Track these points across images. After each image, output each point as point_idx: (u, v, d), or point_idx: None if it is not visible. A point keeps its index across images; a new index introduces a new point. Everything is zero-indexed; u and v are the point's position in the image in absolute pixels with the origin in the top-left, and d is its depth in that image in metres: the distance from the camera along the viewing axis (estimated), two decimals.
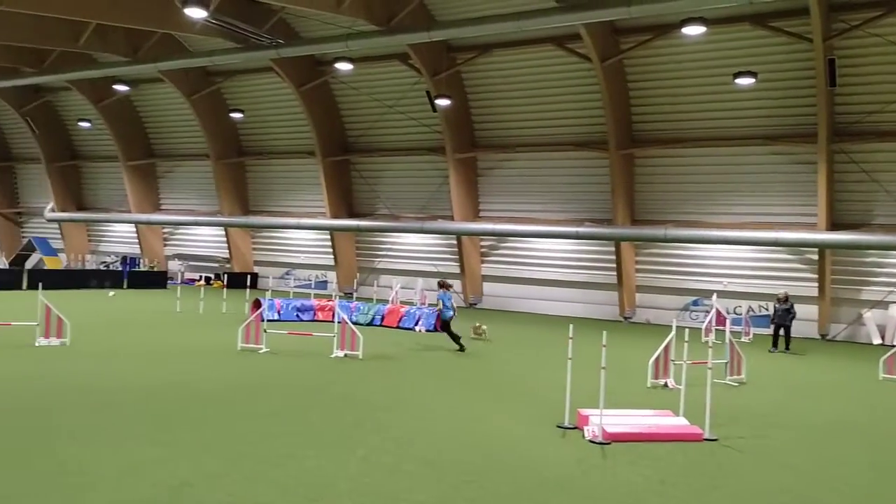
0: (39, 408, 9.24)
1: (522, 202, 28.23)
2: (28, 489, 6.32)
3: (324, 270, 33.25)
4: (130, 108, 36.12)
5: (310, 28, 26.85)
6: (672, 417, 10.06)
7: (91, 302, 24.34)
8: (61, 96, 37.42)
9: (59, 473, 6.75)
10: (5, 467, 6.85)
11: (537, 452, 8.34)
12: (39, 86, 36.19)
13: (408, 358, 15.14)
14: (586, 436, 9.05)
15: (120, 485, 6.54)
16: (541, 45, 25.02)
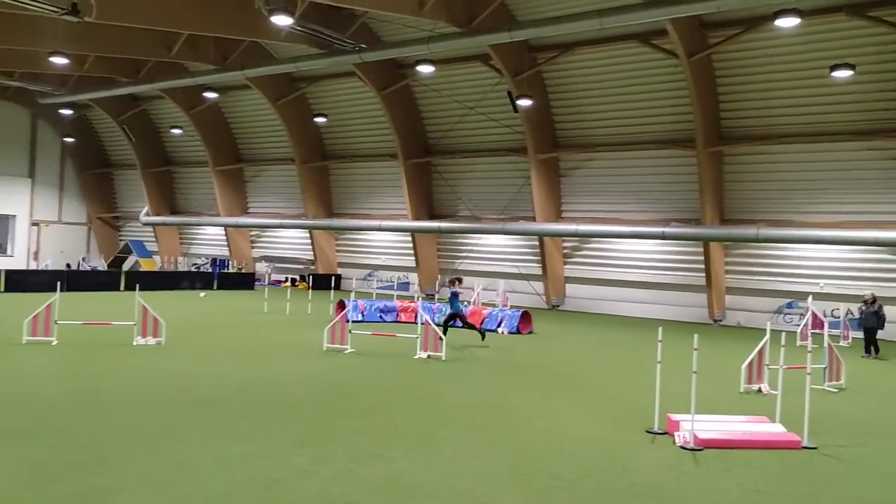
0: (139, 405, 9.61)
1: (606, 202, 27.75)
2: (130, 482, 6.56)
3: (405, 272, 33.54)
4: (219, 114, 37.36)
5: (391, 32, 27.13)
6: (768, 424, 9.64)
7: (183, 302, 25.23)
8: (155, 105, 39.03)
9: (158, 467, 6.98)
10: (109, 461, 7.13)
11: (627, 457, 8.13)
12: (135, 95, 37.82)
13: (491, 359, 15.06)
14: (677, 441, 8.77)
15: (215, 478, 6.71)
16: (624, 42, 24.53)
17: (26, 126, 42.21)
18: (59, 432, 8.02)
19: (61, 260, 40.17)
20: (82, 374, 11.48)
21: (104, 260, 42.96)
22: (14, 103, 40.54)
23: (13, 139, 41.52)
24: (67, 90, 35.47)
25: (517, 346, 17.44)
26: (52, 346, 13.95)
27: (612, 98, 26.33)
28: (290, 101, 33.14)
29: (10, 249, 41.63)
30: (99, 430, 8.20)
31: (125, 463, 7.05)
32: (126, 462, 7.07)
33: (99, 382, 10.86)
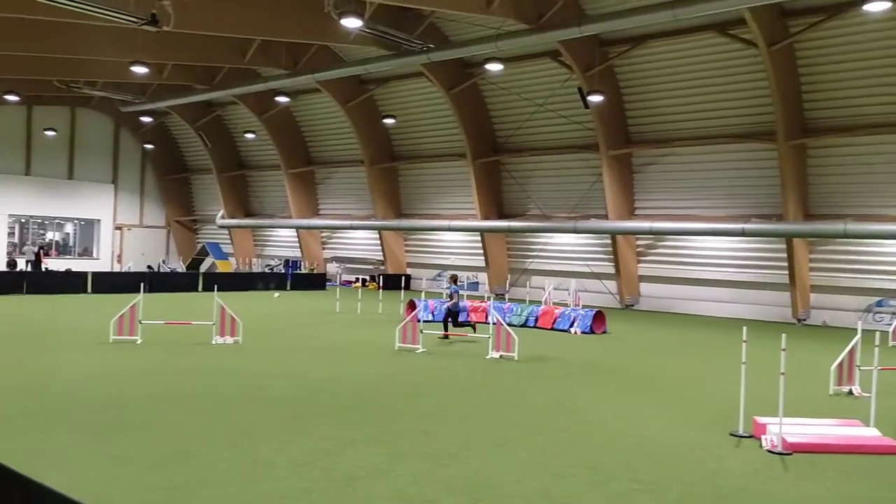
0: (219, 402, 9.80)
1: (681, 199, 27.06)
2: (214, 477, 6.67)
3: (475, 272, 33.47)
4: (291, 118, 38.07)
5: (459, 31, 27.11)
6: (861, 428, 9.18)
7: (258, 303, 25.77)
8: (229, 110, 40.06)
9: (239, 463, 7.08)
10: (194, 456, 7.28)
11: (710, 460, 7.85)
12: (210, 101, 38.89)
13: (565, 359, 14.83)
14: (764, 445, 8.42)
15: (294, 475, 6.76)
16: (700, 33, 23.85)
17: (109, 134, 43.97)
18: (145, 428, 8.24)
19: (142, 262, 41.65)
20: (165, 371, 11.81)
21: (182, 262, 44.35)
22: (98, 112, 42.33)
23: (98, 147, 43.34)
24: (147, 98, 36.77)
25: (591, 346, 17.16)
26: (137, 344, 14.41)
27: (688, 91, 25.65)
28: (359, 103, 33.50)
29: (95, 252, 43.41)
30: (183, 425, 8.39)
31: (208, 458, 7.18)
32: (209, 457, 7.20)
33: (181, 380, 11.14)
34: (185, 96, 34.90)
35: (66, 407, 9.12)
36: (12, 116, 39.39)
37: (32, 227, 41.74)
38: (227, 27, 24.09)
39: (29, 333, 15.85)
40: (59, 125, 40.90)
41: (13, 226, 40.55)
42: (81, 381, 10.76)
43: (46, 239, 41.94)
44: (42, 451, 7.25)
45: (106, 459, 7.04)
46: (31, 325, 17.45)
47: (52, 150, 41.16)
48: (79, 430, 8.03)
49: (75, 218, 42.94)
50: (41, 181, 40.77)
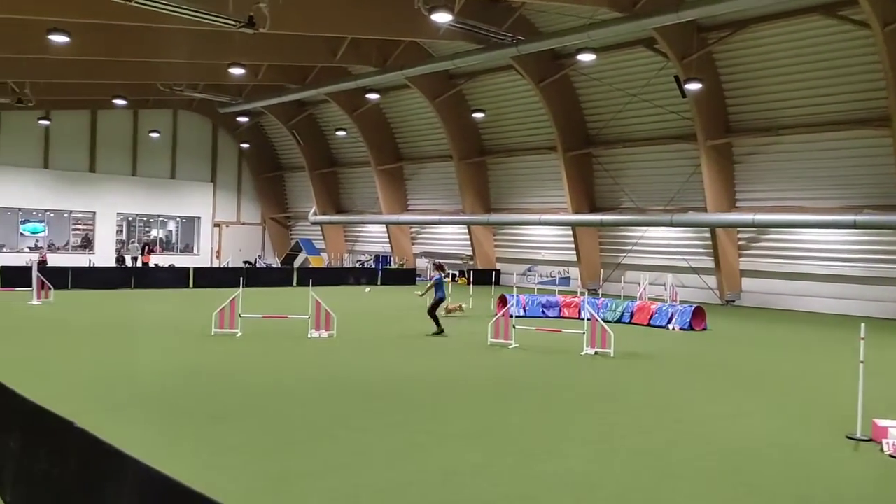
0: (317, 394, 9.94)
1: (786, 189, 25.79)
2: (316, 467, 6.74)
3: (566, 266, 32.98)
4: (380, 115, 38.49)
5: (550, 22, 26.67)
6: None
7: (350, 297, 26.14)
8: (321, 108, 40.84)
9: (339, 454, 7.12)
10: (296, 447, 7.37)
11: (826, 465, 7.39)
12: (303, 100, 39.75)
13: (663, 356, 14.36)
14: (885, 450, 7.86)
15: (392, 468, 6.74)
16: (806, 15, 22.60)
17: (208, 135, 45.67)
18: (249, 418, 8.43)
19: (239, 258, 43.07)
20: (265, 364, 12.08)
21: (277, 257, 45.59)
22: (198, 114, 44.02)
23: (198, 147, 45.10)
24: (244, 99, 37.90)
25: (691, 343, 16.56)
26: (237, 337, 14.80)
27: (794, 77, 24.40)
28: (448, 98, 33.51)
29: (195, 249, 45.19)
30: (284, 416, 8.54)
31: (309, 449, 7.26)
32: (310, 448, 7.29)
33: (280, 373, 11.36)
34: (279, 96, 35.78)
35: (175, 396, 9.42)
36: (120, 120, 41.44)
37: (138, 224, 43.79)
38: (320, 27, 24.52)
39: (138, 326, 16.57)
40: (162, 127, 42.76)
41: (121, 224, 42.64)
42: (188, 372, 11.12)
43: (151, 236, 43.90)
44: (154, 439, 7.49)
45: (213, 448, 7.24)
46: (140, 318, 18.24)
47: (156, 152, 43.08)
48: (188, 419, 8.29)
49: (177, 216, 44.80)
50: (146, 181, 42.74)
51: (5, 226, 38.94)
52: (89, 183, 40.59)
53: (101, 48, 25.80)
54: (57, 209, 40.09)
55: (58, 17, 20.75)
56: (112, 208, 41.47)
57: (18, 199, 38.54)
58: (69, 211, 40.50)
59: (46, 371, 10.89)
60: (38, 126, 38.22)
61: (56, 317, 17.65)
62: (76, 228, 41.27)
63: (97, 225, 41.16)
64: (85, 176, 40.50)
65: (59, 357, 12.12)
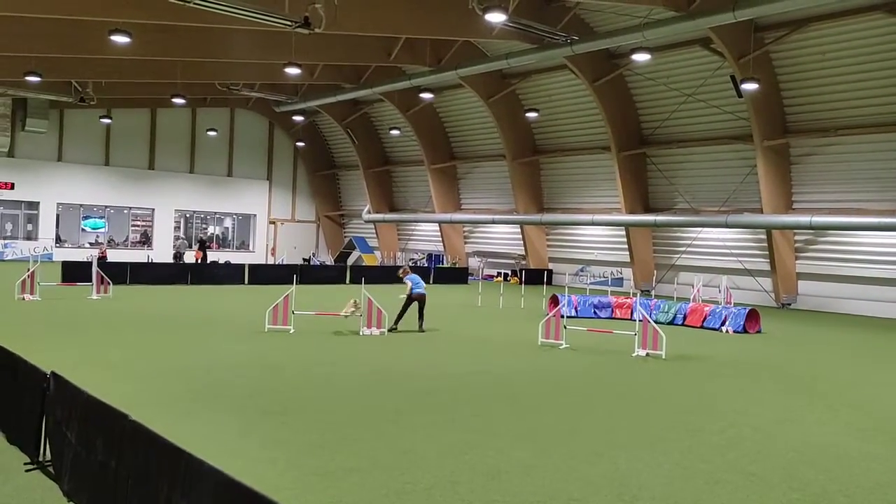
0: (367, 391, 10.14)
1: (845, 191, 25.16)
2: (363, 464, 6.90)
3: (619, 267, 32.70)
4: (434, 114, 38.70)
5: (604, 21, 26.49)
6: None
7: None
8: (375, 107, 41.28)
9: (387, 451, 7.28)
10: (344, 443, 7.56)
11: (881, 473, 7.26)
12: (357, 100, 40.23)
13: (716, 359, 14.19)
14: None
15: (440, 466, 6.87)
16: (868, 14, 22.01)
17: (265, 133, 46.59)
18: (299, 413, 8.65)
19: (295, 255, 43.79)
20: (317, 360, 12.33)
21: (331, 255, 46.22)
22: (255, 112, 44.93)
23: (255, 145, 46.06)
24: (299, 98, 38.55)
25: (745, 346, 16.32)
26: (290, 334, 15.14)
27: (854, 76, 23.78)
28: (502, 97, 33.53)
29: (251, 245, 46.14)
30: (334, 413, 8.74)
31: (358, 445, 7.43)
32: (358, 444, 7.45)
33: (331, 369, 11.60)
34: (333, 95, 36.30)
35: (228, 391, 9.72)
36: (179, 118, 42.63)
37: (196, 221, 44.90)
38: (374, 27, 24.82)
39: (193, 321, 17.04)
40: (219, 125, 43.79)
41: (179, 220, 43.79)
42: (240, 367, 11.43)
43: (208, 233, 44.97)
44: (205, 432, 7.76)
45: (263, 442, 7.45)
46: (195, 313, 18.75)
47: (213, 149, 44.16)
48: (239, 413, 8.54)
49: (233, 213, 45.82)
50: (204, 178, 43.86)
51: (67, 221, 40.38)
52: (148, 180, 41.84)
53: (160, 48, 26.59)
54: (117, 205, 41.38)
55: (119, 18, 21.44)
56: (170, 205, 42.69)
57: (80, 195, 39.95)
58: (129, 207, 41.78)
59: (102, 364, 11.25)
60: (100, 124, 39.55)
61: (113, 311, 18.23)
62: (135, 225, 42.55)
63: (156, 221, 42.36)
64: (144, 173, 41.77)
65: (115, 350, 12.47)
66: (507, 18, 20.81)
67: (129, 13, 21.17)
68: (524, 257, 36.69)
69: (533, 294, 24.80)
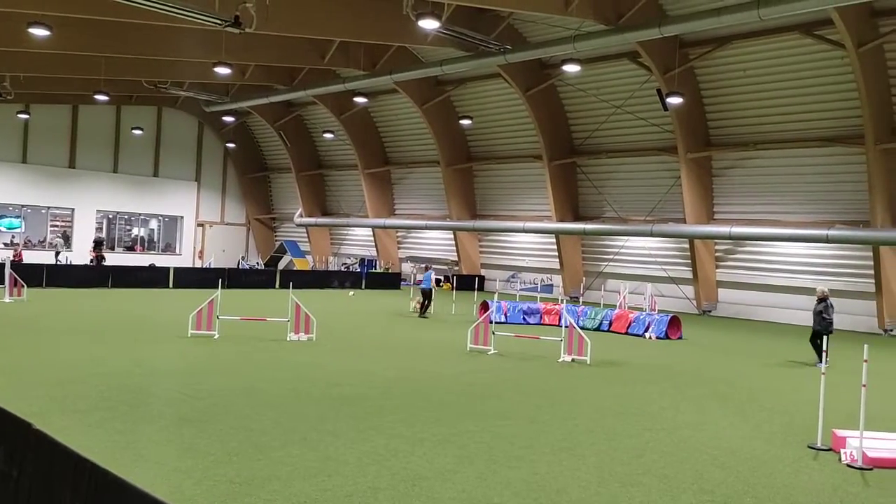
0: (291, 398, 10.02)
1: (763, 203, 26.25)
2: (282, 472, 6.83)
3: (549, 274, 33.23)
4: (368, 118, 38.62)
5: (537, 32, 26.94)
6: None
7: (333, 301, 26.24)
8: (308, 110, 40.92)
9: (308, 459, 7.23)
10: (263, 451, 7.47)
11: (786, 474, 7.59)
12: (290, 102, 39.81)
13: (638, 364, 14.57)
14: (843, 459, 8.12)
15: (362, 473, 6.86)
16: (784, 34, 23.09)
17: (194, 133, 45.57)
18: (219, 421, 8.49)
19: (223, 259, 42.93)
20: (240, 367, 12.14)
21: (261, 259, 45.53)
22: (183, 112, 43.92)
23: (183, 146, 44.98)
24: (230, 98, 37.89)
25: (666, 351, 16.80)
26: (214, 339, 14.86)
27: (771, 93, 24.86)
28: (436, 104, 33.71)
29: (177, 248, 45.03)
30: (255, 420, 8.61)
31: (278, 453, 7.34)
32: (279, 452, 7.37)
33: (255, 375, 11.43)
34: (266, 96, 35.83)
35: (145, 398, 9.48)
36: (103, 116, 41.23)
37: (119, 222, 43.54)
38: (308, 29, 24.62)
39: (112, 326, 16.54)
40: (146, 124, 42.60)
41: (101, 220, 42.37)
42: (160, 374, 11.17)
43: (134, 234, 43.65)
44: (119, 441, 7.55)
45: (180, 451, 7.28)
46: (115, 318, 18.21)
47: (138, 149, 42.90)
48: (155, 422, 8.33)
49: (159, 214, 44.62)
50: (128, 178, 42.53)
51: None
52: (69, 179, 40.33)
53: (83, 43, 25.77)
54: (34, 205, 39.76)
55: (39, 10, 20.73)
56: (92, 205, 41.22)
57: None
58: (47, 207, 40.21)
59: (10, 370, 10.82)
60: (17, 120, 38.01)
61: (26, 315, 17.56)
62: (54, 225, 40.96)
63: (76, 222, 40.87)
64: (64, 171, 40.24)
65: (25, 356, 12.01)
66: (441, 25, 20.98)
67: (51, 6, 20.50)
68: (457, 263, 36.92)
69: (464, 300, 24.99)
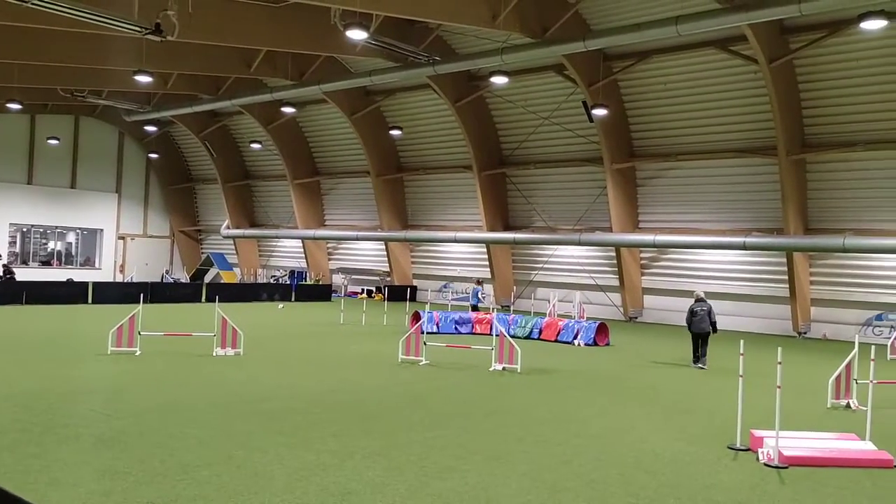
0: (217, 415, 9.79)
1: (684, 212, 27.10)
2: (207, 491, 6.67)
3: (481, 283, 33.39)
4: (297, 128, 38.21)
5: (465, 44, 27.22)
6: (857, 441, 9.22)
7: (262, 314, 25.78)
8: (235, 120, 40.23)
9: (235, 477, 7.08)
10: (188, 470, 7.28)
11: (707, 475, 7.84)
12: (216, 111, 39.05)
13: (567, 371, 14.81)
14: (760, 458, 8.44)
15: (290, 489, 6.75)
16: (702, 49, 23.95)
17: (114, 143, 44.08)
18: (140, 441, 8.23)
19: (146, 273, 41.64)
20: (163, 384, 11.80)
21: (186, 272, 44.40)
22: (102, 121, 42.48)
23: (102, 156, 43.41)
24: (152, 107, 36.91)
25: (594, 358, 17.12)
26: (136, 356, 14.41)
27: (691, 106, 25.73)
28: (366, 114, 33.62)
29: (97, 262, 43.45)
30: (179, 438, 8.38)
31: (203, 472, 7.17)
32: (204, 471, 7.19)
33: (179, 392, 11.13)
34: (189, 106, 35.02)
35: (61, 419, 9.10)
36: (15, 125, 39.39)
37: (35, 236, 41.80)
38: (232, 37, 24.19)
39: (26, 344, 15.83)
40: (62, 134, 40.95)
41: (15, 234, 40.56)
42: (77, 393, 10.75)
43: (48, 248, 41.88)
44: (34, 464, 7.24)
45: (97, 473, 7.01)
46: (29, 335, 17.44)
47: (54, 159, 41.21)
48: (72, 444, 8.00)
49: (78, 227, 42.97)
50: (44, 190, 40.78)
51: None
52: None
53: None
54: None
55: None
56: (4, 218, 39.33)
57: None
58: None
59: None
60: None
61: None
62: None
63: None
64: None
65: None
66: (369, 36, 20.95)
67: None
68: (388, 274, 36.81)
69: (396, 311, 24.93)
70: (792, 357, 16.55)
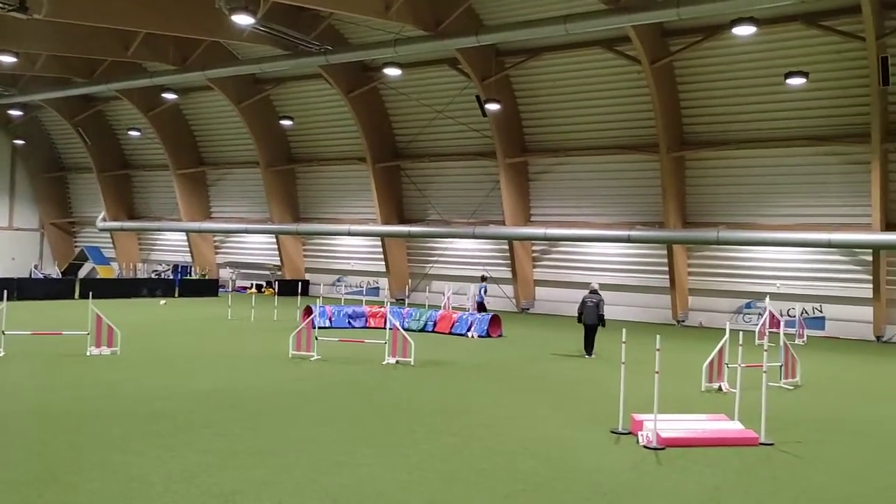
0: (91, 418, 9.24)
1: (574, 206, 27.86)
2: (80, 499, 6.29)
3: (375, 277, 33.24)
4: (180, 116, 36.69)
5: (358, 34, 26.88)
6: (727, 422, 9.80)
7: (142, 310, 24.68)
8: (112, 106, 38.18)
9: (110, 482, 6.70)
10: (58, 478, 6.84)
11: (591, 458, 8.09)
12: (90, 96, 36.96)
13: (460, 363, 14.90)
14: (640, 441, 8.80)
15: (170, 492, 6.46)
16: (590, 48, 24.65)
17: None
18: (4, 449, 7.66)
19: (12, 268, 38.92)
20: (31, 386, 11.05)
21: (58, 267, 41.86)
22: None
23: None
24: (18, 90, 34.46)
25: (487, 349, 17.32)
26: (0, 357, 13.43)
27: (579, 103, 26.45)
28: (255, 102, 32.66)
29: None
30: (48, 445, 7.85)
31: (75, 479, 6.74)
32: (76, 478, 6.77)
33: (49, 395, 10.45)
34: (62, 89, 32.96)
35: None
36: None
37: None
38: (108, 18, 22.78)
39: None
40: None
41: None
42: None
43: None
44: None
45: None
46: None
47: None
48: None
49: None
50: None
51: None
52: None
53: None
54: None
55: None
56: None
57: None
58: None
59: None
60: None
61: None
62: None
63: None
64: None
65: None
66: (256, 21, 20.35)
67: None
68: (279, 268, 35.99)
69: (288, 306, 24.38)
70: (670, 344, 17.27)
